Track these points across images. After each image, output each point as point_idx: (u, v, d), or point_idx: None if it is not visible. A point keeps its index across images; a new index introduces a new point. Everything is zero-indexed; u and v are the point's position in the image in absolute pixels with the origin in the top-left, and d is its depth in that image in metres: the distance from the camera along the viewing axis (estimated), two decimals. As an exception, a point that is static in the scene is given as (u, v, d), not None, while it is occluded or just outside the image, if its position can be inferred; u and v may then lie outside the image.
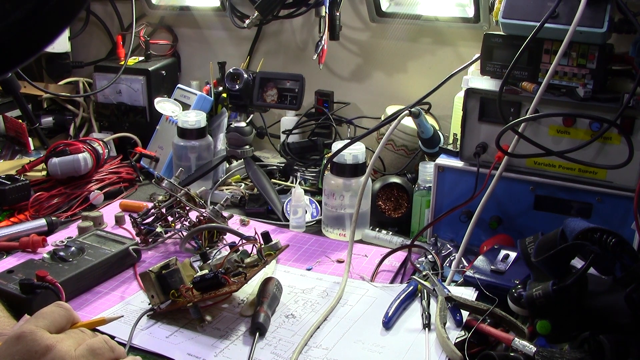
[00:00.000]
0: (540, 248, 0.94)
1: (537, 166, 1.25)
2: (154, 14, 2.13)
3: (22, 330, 0.71)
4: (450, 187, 1.33)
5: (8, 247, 1.33)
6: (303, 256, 1.33)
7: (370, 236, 1.40)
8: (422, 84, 1.72)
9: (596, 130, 1.17)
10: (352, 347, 1.00)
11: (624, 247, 0.87)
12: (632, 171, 1.15)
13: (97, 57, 2.22)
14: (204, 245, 1.31)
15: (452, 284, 1.16)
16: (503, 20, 1.21)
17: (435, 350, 0.97)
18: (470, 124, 1.29)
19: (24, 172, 1.65)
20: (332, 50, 1.79)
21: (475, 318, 1.01)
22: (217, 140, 1.83)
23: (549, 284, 0.90)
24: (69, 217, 1.53)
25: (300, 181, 1.68)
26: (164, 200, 1.39)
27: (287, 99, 1.62)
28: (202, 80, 2.06)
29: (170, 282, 1.09)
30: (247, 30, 1.92)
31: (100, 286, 1.20)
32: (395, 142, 1.61)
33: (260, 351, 0.99)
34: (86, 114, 2.11)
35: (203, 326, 1.06)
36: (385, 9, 1.77)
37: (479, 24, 1.64)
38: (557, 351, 0.88)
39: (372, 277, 1.23)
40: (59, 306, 0.78)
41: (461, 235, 1.23)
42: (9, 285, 1.09)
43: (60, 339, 0.72)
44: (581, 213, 1.22)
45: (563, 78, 1.21)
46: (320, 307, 1.12)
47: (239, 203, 1.62)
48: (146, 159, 1.85)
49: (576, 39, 1.14)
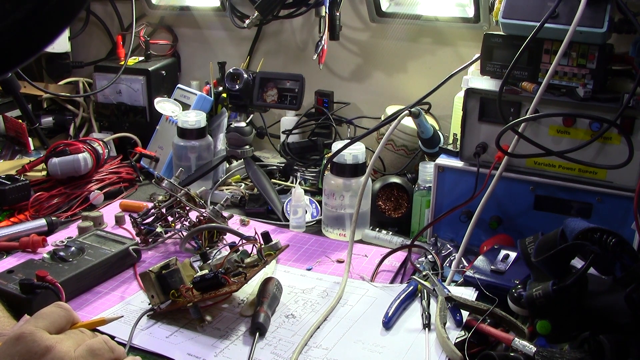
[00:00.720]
0: (540, 248, 0.94)
1: (537, 166, 1.25)
2: (154, 14, 2.13)
3: (21, 331, 0.71)
4: (450, 187, 1.33)
5: (8, 247, 1.33)
6: (303, 256, 1.33)
7: (370, 236, 1.40)
8: (422, 84, 1.72)
9: (596, 130, 1.16)
10: (352, 347, 1.00)
11: (624, 247, 0.87)
12: (632, 171, 1.15)
13: (97, 57, 2.22)
14: (204, 245, 1.31)
15: (452, 284, 1.16)
16: (503, 20, 1.21)
17: (435, 350, 0.97)
18: (470, 124, 1.29)
19: (24, 172, 1.65)
20: (332, 50, 1.79)
21: (475, 318, 1.01)
22: (217, 140, 1.83)
23: (549, 284, 0.90)
24: (69, 217, 1.53)
25: (300, 181, 1.68)
26: (164, 200, 1.39)
27: (287, 99, 1.62)
28: (202, 80, 2.07)
29: (170, 282, 1.09)
30: (247, 30, 1.92)
31: (100, 286, 1.20)
32: (395, 142, 1.61)
33: (260, 351, 0.99)
34: (86, 114, 2.11)
35: (203, 326, 1.06)
36: (385, 9, 1.77)
37: (479, 24, 1.64)
38: (557, 351, 0.88)
39: (372, 277, 1.23)
40: (58, 306, 0.77)
41: (461, 235, 1.23)
42: (9, 285, 1.09)
43: (60, 340, 0.72)
44: (581, 213, 1.22)
45: (563, 78, 1.21)
46: (320, 307, 1.12)
47: (239, 203, 1.62)
48: (146, 159, 1.85)
49: (576, 39, 1.14)
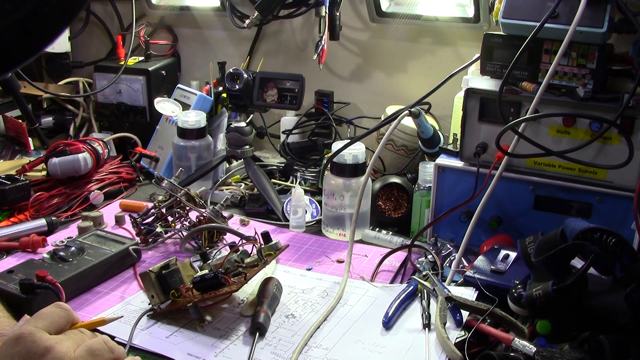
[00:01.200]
0: (540, 248, 0.94)
1: (537, 166, 1.25)
2: (154, 14, 2.13)
3: (21, 332, 0.71)
4: (450, 187, 1.33)
5: (8, 247, 1.33)
6: (303, 256, 1.33)
7: (370, 236, 1.40)
8: (422, 84, 1.72)
9: (596, 130, 1.16)
10: (352, 347, 1.00)
11: (624, 247, 0.87)
12: (632, 171, 1.15)
13: (97, 57, 2.22)
14: (204, 245, 1.31)
15: (452, 284, 1.16)
16: (503, 20, 1.21)
17: (435, 350, 0.97)
18: (470, 124, 1.29)
19: (24, 172, 1.65)
20: (332, 50, 1.79)
21: (475, 318, 1.01)
22: (217, 140, 1.83)
23: (549, 284, 0.90)
24: (69, 217, 1.53)
25: (300, 181, 1.68)
26: (164, 200, 1.39)
27: (287, 99, 1.62)
28: (202, 80, 2.06)
29: (170, 282, 1.09)
30: (247, 30, 1.92)
31: (100, 286, 1.20)
32: (395, 142, 1.61)
33: (260, 351, 0.99)
34: (86, 114, 2.11)
35: (203, 326, 1.06)
36: (385, 9, 1.77)
37: (479, 24, 1.64)
38: (557, 351, 0.88)
39: (372, 277, 1.23)
40: (58, 307, 0.77)
41: (461, 235, 1.23)
42: (9, 285, 1.09)
43: (60, 340, 0.72)
44: (581, 213, 1.22)
45: (563, 78, 1.21)
46: (320, 307, 1.12)
47: (239, 203, 1.62)
48: (146, 159, 1.85)
49: (576, 39, 1.14)
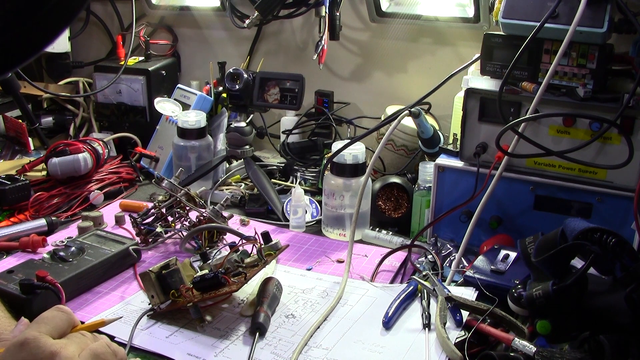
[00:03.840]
0: (540, 248, 0.94)
1: (537, 166, 1.25)
2: (154, 14, 2.13)
3: (25, 337, 0.71)
4: (450, 187, 1.33)
5: (8, 247, 1.33)
6: (303, 256, 1.33)
7: (370, 236, 1.40)
8: (422, 84, 1.72)
9: (596, 130, 1.16)
10: (352, 347, 1.00)
11: (624, 247, 0.87)
12: (632, 171, 1.15)
13: (97, 57, 2.22)
14: (204, 245, 1.31)
15: (452, 284, 1.16)
16: (503, 20, 1.21)
17: (435, 350, 0.97)
18: (470, 124, 1.29)
19: (24, 172, 1.65)
20: (332, 50, 1.79)
21: (475, 318, 1.01)
22: (217, 140, 1.83)
23: (549, 284, 0.90)
24: (69, 217, 1.53)
25: (300, 181, 1.68)
26: (164, 200, 1.39)
27: (287, 99, 1.62)
28: (202, 80, 2.07)
29: (170, 282, 1.09)
30: (247, 30, 1.92)
31: (100, 286, 1.20)
32: (395, 142, 1.61)
33: (260, 351, 0.99)
34: (86, 114, 2.11)
35: (203, 326, 1.06)
36: (385, 9, 1.77)
37: (479, 24, 1.64)
38: (557, 351, 0.88)
39: (372, 277, 1.23)
40: (59, 310, 0.77)
41: (461, 235, 1.23)
42: (9, 285, 1.09)
43: (64, 345, 0.72)
44: (581, 213, 1.22)
45: (563, 78, 1.21)
46: (320, 307, 1.12)
47: (239, 203, 1.62)
48: (146, 159, 1.85)
49: (576, 39, 1.14)
